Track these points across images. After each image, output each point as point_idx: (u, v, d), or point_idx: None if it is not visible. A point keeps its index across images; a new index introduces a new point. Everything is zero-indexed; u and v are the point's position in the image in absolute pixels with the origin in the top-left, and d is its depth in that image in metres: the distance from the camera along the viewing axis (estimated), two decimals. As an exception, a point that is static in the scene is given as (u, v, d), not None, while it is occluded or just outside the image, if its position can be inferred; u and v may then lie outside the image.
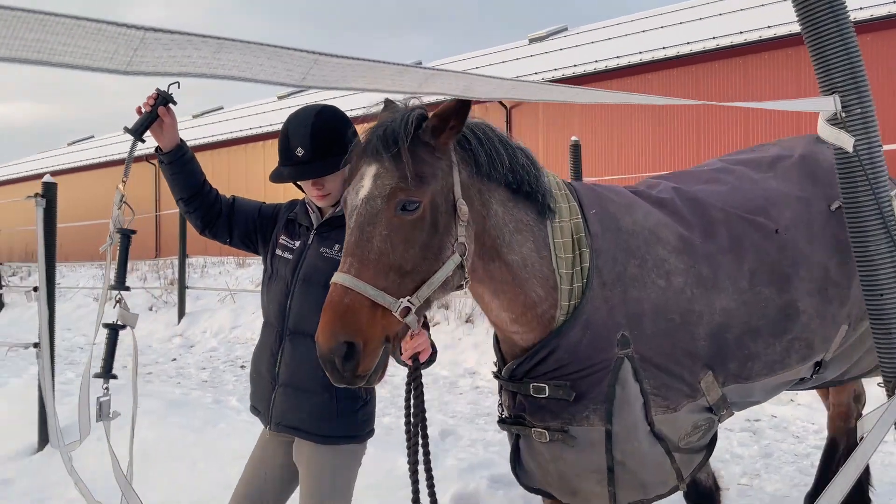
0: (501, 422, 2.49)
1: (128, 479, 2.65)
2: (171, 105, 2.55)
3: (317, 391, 2.54)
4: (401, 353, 2.17)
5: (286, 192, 2.85)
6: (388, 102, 2.27)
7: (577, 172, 6.57)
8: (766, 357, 2.48)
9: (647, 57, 18.15)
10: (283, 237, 2.75)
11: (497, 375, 2.47)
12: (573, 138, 6.75)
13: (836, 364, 2.76)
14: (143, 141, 2.52)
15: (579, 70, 19.29)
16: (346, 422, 2.59)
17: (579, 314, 2.22)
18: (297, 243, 2.71)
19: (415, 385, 2.19)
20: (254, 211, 2.86)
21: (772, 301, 2.47)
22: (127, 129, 2.52)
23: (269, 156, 22.46)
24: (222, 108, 37.79)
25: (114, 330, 2.55)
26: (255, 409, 2.78)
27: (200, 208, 2.73)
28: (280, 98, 30.83)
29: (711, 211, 2.52)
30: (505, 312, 2.29)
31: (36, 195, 5.59)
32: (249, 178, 23.30)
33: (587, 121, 18.43)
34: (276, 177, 2.64)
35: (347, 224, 2.04)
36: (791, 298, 2.50)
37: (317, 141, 2.56)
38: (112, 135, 35.62)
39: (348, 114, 2.69)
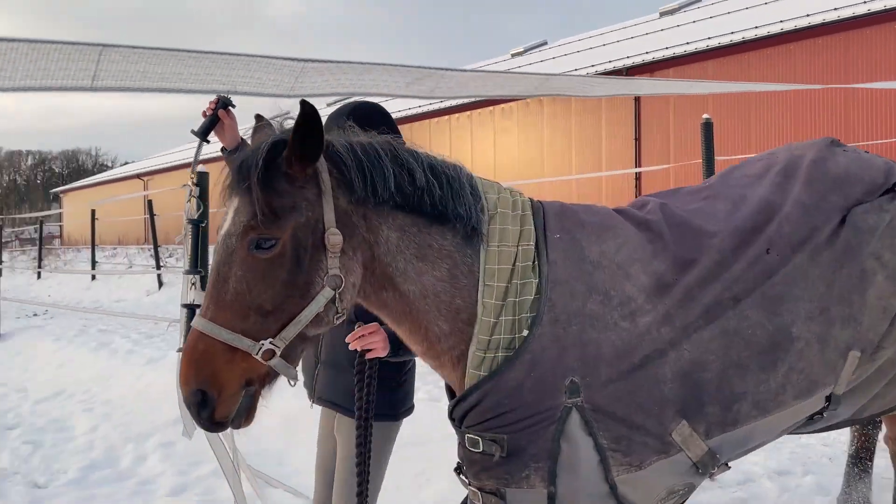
0: (457, 469, 2.22)
1: (236, 457, 3.00)
2: (230, 108, 2.83)
3: (352, 371, 2.58)
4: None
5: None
6: (258, 119, 2.18)
7: (709, 152, 6.37)
8: (757, 396, 2.11)
9: (788, 26, 17.04)
10: None
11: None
12: (704, 116, 6.54)
13: (852, 398, 2.38)
14: (208, 141, 2.83)
15: (713, 43, 18.42)
16: (380, 401, 2.65)
17: (522, 352, 1.95)
18: None
19: (359, 379, 2.34)
20: None
21: (760, 327, 2.12)
22: (193, 132, 2.84)
23: (477, 125, 22.67)
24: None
25: (191, 309, 2.92)
26: (305, 384, 3.04)
27: None
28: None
29: (700, 238, 2.22)
30: (413, 344, 2.14)
31: (190, 183, 6.13)
32: (455, 150, 22.90)
33: (721, 99, 17.60)
34: None
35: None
36: (783, 323, 2.15)
37: None
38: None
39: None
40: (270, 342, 1.82)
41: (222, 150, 2.90)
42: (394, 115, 2.86)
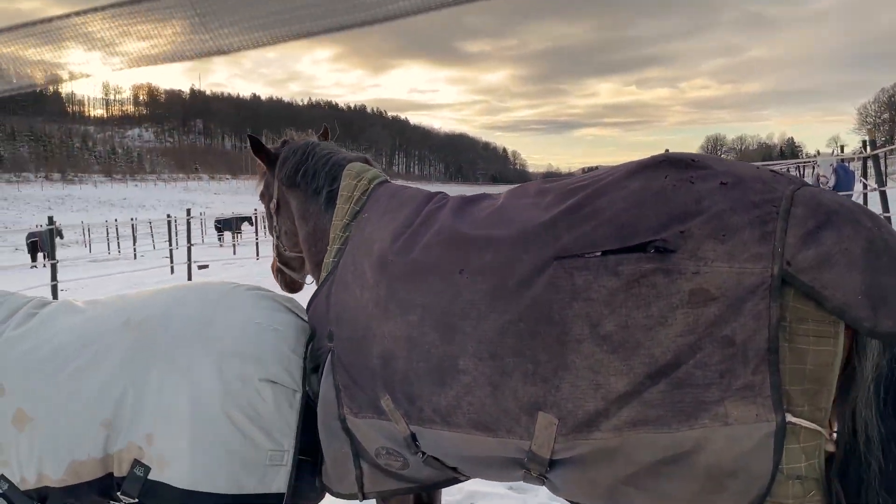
0: None
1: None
2: None
3: None
4: None
5: None
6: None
7: None
8: (434, 403, 2.14)
9: None
10: None
11: None
12: None
13: (573, 474, 2.03)
14: None
15: None
16: None
17: (309, 302, 2.65)
18: None
19: None
20: None
21: (435, 347, 2.14)
22: None
23: None
24: None
25: None
26: None
27: None
28: None
29: (425, 236, 2.33)
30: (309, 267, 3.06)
31: None
32: None
33: None
34: None
35: None
36: (453, 352, 2.10)
37: None
38: None
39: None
40: (287, 246, 3.23)
41: None
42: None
